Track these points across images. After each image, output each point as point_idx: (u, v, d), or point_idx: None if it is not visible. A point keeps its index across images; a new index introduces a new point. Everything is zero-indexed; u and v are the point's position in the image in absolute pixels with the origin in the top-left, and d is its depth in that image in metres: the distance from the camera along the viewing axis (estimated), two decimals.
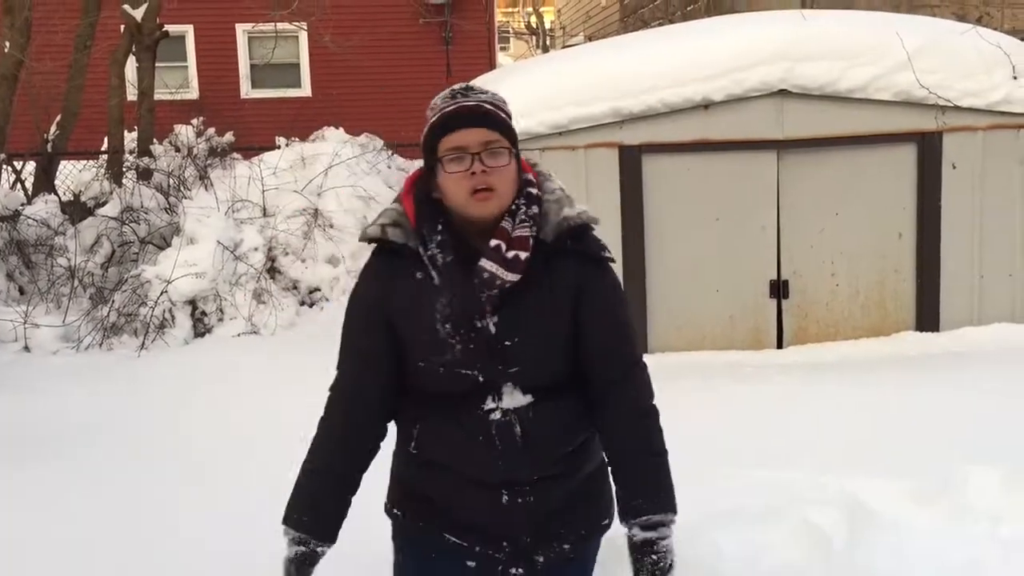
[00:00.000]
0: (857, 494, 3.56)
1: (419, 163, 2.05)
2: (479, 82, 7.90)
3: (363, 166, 8.13)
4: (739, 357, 6.14)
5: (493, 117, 1.92)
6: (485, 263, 1.87)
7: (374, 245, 2.00)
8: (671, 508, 2.01)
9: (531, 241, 1.91)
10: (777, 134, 6.25)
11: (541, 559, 2.02)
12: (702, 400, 5.07)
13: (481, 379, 1.91)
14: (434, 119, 1.94)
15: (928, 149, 6.32)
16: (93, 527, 3.83)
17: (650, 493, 1.99)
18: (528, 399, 1.94)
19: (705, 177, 6.34)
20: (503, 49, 29.67)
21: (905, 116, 6.26)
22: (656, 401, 2.05)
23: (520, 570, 2.01)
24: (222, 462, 4.55)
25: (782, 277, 6.44)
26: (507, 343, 1.90)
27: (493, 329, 1.90)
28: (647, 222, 6.33)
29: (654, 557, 1.97)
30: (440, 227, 1.91)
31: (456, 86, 2.01)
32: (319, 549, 2.03)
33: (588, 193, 6.20)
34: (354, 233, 7.75)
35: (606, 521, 2.12)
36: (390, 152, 8.83)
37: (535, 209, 1.95)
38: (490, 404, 1.93)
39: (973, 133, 6.28)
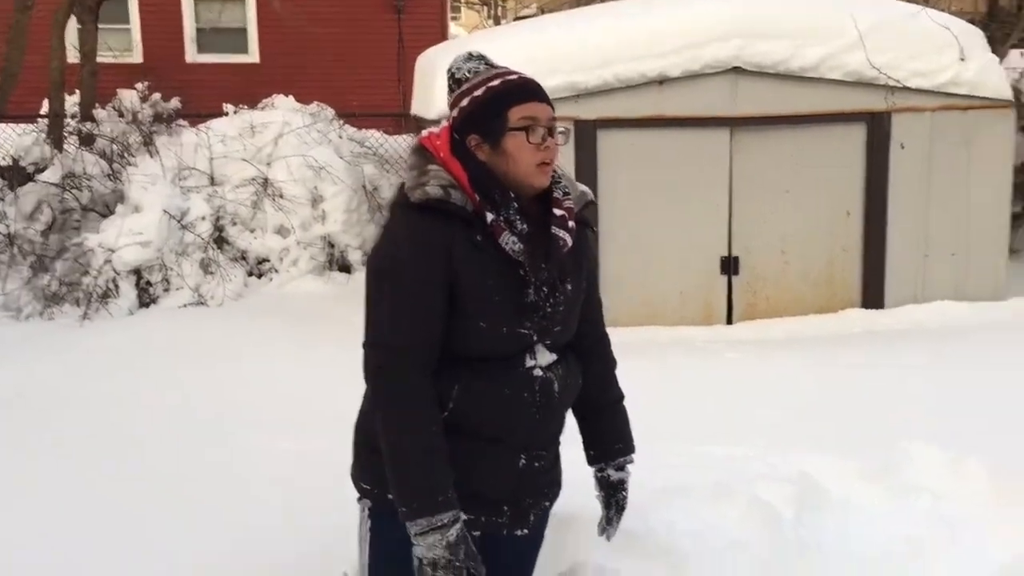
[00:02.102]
0: (807, 471, 3.60)
1: (372, 132, 2.04)
2: (433, 53, 7.80)
3: (314, 135, 7.99)
4: (690, 332, 6.20)
5: (548, 97, 2.01)
6: (559, 231, 1.98)
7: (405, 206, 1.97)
8: (635, 449, 2.36)
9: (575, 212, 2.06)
10: (730, 111, 6.27)
11: (532, 518, 2.14)
12: (653, 375, 5.09)
13: (535, 339, 1.99)
14: (498, 84, 1.96)
15: (877, 129, 6.39)
16: (17, 497, 3.75)
17: (626, 437, 2.32)
18: (554, 357, 2.05)
19: (659, 153, 6.35)
20: (454, 19, 29.39)
21: (855, 96, 6.32)
22: None
23: (525, 531, 2.12)
24: (162, 433, 4.47)
25: (733, 254, 6.49)
26: (560, 308, 2.02)
27: (570, 287, 2.02)
28: (601, 197, 6.28)
29: (623, 494, 2.32)
30: (513, 195, 1.95)
31: (472, 52, 2.07)
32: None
33: None
34: (304, 203, 7.63)
35: (561, 479, 2.29)
36: (341, 122, 8.68)
37: (563, 183, 2.07)
38: (529, 362, 2.01)
39: (921, 114, 6.37)
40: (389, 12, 15.05)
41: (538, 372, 2.01)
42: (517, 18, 20.54)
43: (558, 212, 1.99)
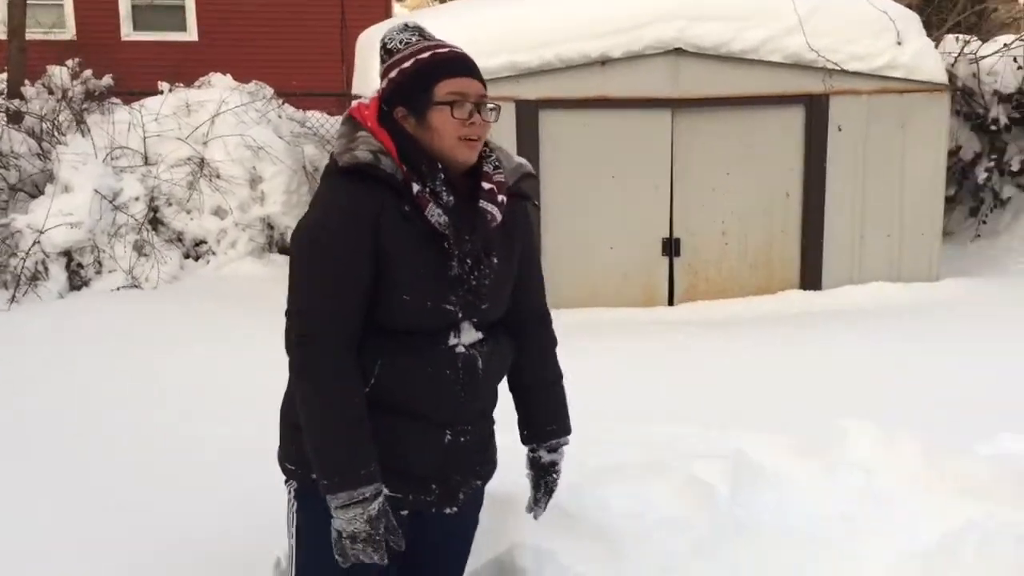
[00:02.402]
0: (742, 448, 3.62)
1: (313, 112, 2.00)
2: (373, 31, 7.68)
3: (252, 115, 7.82)
4: (631, 314, 6.21)
5: (481, 74, 1.98)
6: (486, 205, 1.95)
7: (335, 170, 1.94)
8: (570, 431, 2.32)
9: (506, 186, 2.02)
10: (672, 92, 6.28)
11: (462, 496, 2.10)
12: (594, 356, 5.10)
13: (460, 315, 1.96)
14: (427, 57, 1.94)
15: (815, 111, 6.45)
16: None
17: (561, 419, 2.28)
18: (479, 335, 2.02)
19: (601, 134, 6.34)
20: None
21: (795, 78, 6.37)
22: None
23: (454, 508, 2.09)
24: (91, 420, 4.35)
25: (674, 235, 6.52)
26: (486, 279, 1.98)
27: (496, 260, 1.99)
28: (543, 178, 6.29)
29: (554, 475, 2.31)
30: (440, 167, 1.92)
31: (408, 23, 2.04)
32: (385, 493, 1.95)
33: None
34: (242, 184, 7.48)
35: (495, 458, 2.26)
36: (281, 101, 8.52)
37: (495, 156, 2.03)
38: (453, 340, 1.98)
39: (859, 96, 6.45)
40: None
41: (460, 350, 1.98)
42: None
43: (486, 186, 1.96)
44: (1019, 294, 6.30)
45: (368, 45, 6.91)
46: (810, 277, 6.64)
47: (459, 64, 1.94)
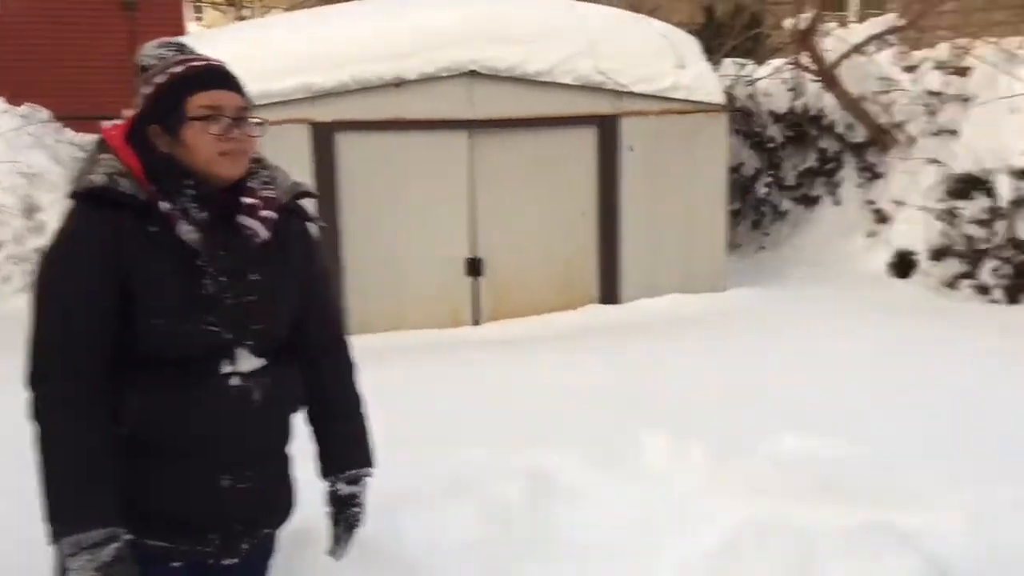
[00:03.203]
0: (540, 465, 3.67)
1: (94, 136, 1.90)
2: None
3: (25, 139, 7.31)
4: (436, 336, 6.20)
5: (241, 85, 1.92)
6: (246, 220, 1.88)
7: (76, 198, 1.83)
8: (373, 463, 2.22)
9: (276, 202, 1.95)
10: (468, 114, 6.34)
11: (246, 546, 1.98)
12: (397, 380, 5.04)
13: (226, 337, 1.86)
14: (181, 71, 1.86)
15: (607, 132, 6.68)
16: None
17: (361, 448, 2.18)
18: (261, 362, 1.92)
19: (400, 156, 6.31)
20: (198, 19, 28.06)
21: (587, 100, 6.58)
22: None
23: (235, 560, 1.97)
24: None
25: (477, 255, 6.57)
26: (253, 299, 1.89)
27: (257, 277, 1.90)
28: (342, 201, 6.20)
29: (355, 509, 2.17)
30: (190, 182, 1.84)
31: (168, 39, 1.98)
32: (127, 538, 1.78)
33: None
34: (15, 214, 6.96)
35: (294, 505, 2.16)
36: (60, 124, 8.01)
37: (268, 172, 1.98)
38: (226, 368, 1.87)
39: (646, 117, 6.73)
40: (119, 8, 14.10)
41: (235, 381, 1.87)
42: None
43: (248, 201, 1.90)
44: (797, 300, 6.73)
45: None
46: (609, 292, 6.86)
47: (213, 76, 1.88)
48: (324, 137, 6.07)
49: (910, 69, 7.81)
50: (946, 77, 7.42)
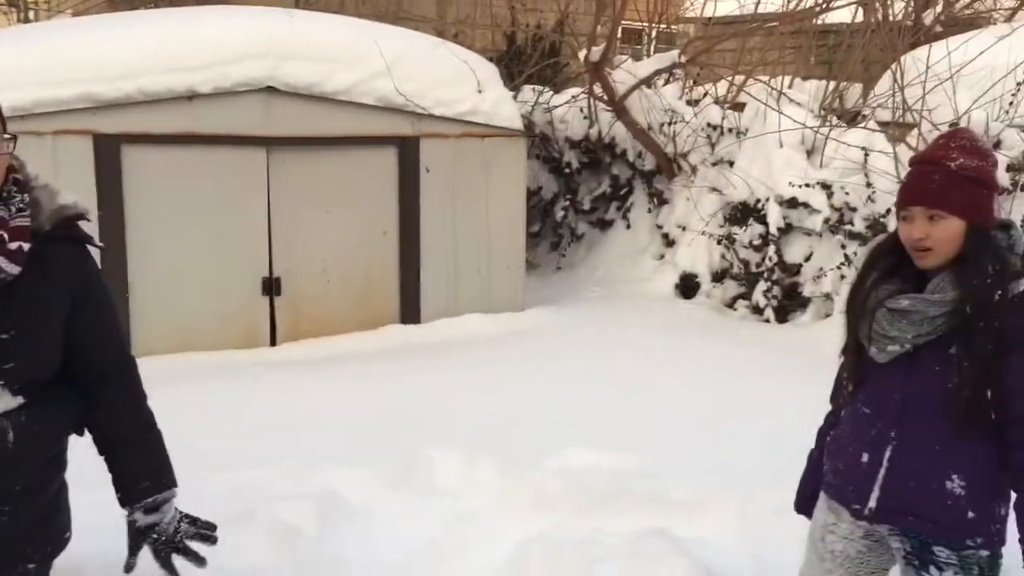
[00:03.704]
0: (332, 486, 3.66)
1: None
2: None
3: None
4: (231, 357, 6.02)
5: None
6: None
7: None
8: (174, 483, 2.18)
9: (29, 232, 1.82)
10: (266, 131, 6.22)
11: None
12: (187, 404, 4.86)
13: None
14: None
15: (407, 153, 6.73)
16: None
17: (156, 472, 2.13)
18: (19, 401, 1.82)
19: (193, 171, 6.10)
20: None
21: (387, 121, 6.60)
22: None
23: None
24: None
25: (274, 274, 6.44)
26: (3, 336, 1.76)
27: None
28: (128, 217, 5.93)
29: (158, 536, 2.14)
30: None
31: None
32: None
33: (58, 184, 5.63)
34: None
35: (68, 535, 2.09)
36: None
37: (26, 197, 1.84)
38: None
39: (446, 139, 6.83)
40: None
41: None
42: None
43: None
44: (590, 320, 7.01)
45: None
46: (409, 312, 6.89)
47: None
48: (108, 149, 5.78)
49: (693, 103, 8.33)
50: (724, 111, 7.97)
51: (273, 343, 6.45)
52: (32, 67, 5.69)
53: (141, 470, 2.10)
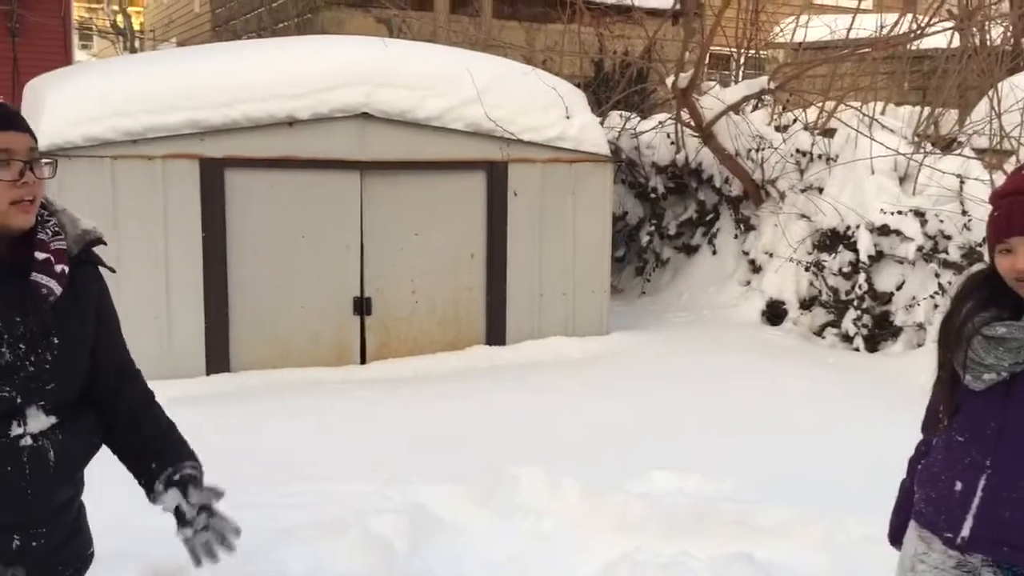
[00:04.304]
0: (420, 501, 3.75)
1: None
2: (41, 80, 7.19)
3: None
4: (323, 374, 6.20)
5: (28, 124, 1.82)
6: (40, 278, 1.77)
7: None
8: (197, 458, 2.10)
9: (67, 254, 1.86)
10: (360, 155, 6.42)
11: None
12: (280, 418, 5.04)
13: (20, 400, 1.76)
14: None
15: (496, 177, 6.86)
16: None
17: (183, 454, 2.06)
18: (52, 420, 1.83)
19: (291, 194, 6.33)
20: (85, 47, 27.37)
21: (476, 146, 6.75)
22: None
23: None
24: None
25: (365, 294, 6.61)
26: (48, 357, 1.79)
27: (56, 339, 1.81)
28: (230, 237, 6.17)
29: (205, 518, 1.99)
30: None
31: None
32: None
33: (166, 206, 5.92)
34: None
35: (91, 550, 2.06)
36: None
37: (55, 220, 1.88)
38: (16, 430, 1.77)
39: (533, 164, 6.95)
40: (2, 35, 13.70)
41: (27, 442, 1.78)
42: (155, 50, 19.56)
43: (40, 256, 1.78)
44: (675, 345, 7.01)
45: (34, 94, 6.46)
46: (495, 333, 6.99)
47: (2, 118, 1.76)
48: (213, 173, 6.05)
49: (782, 129, 8.28)
50: (814, 137, 7.91)
51: (363, 361, 6.61)
52: (143, 95, 5.99)
53: (170, 455, 2.03)
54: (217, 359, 6.11)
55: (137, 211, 5.86)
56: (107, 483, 2.26)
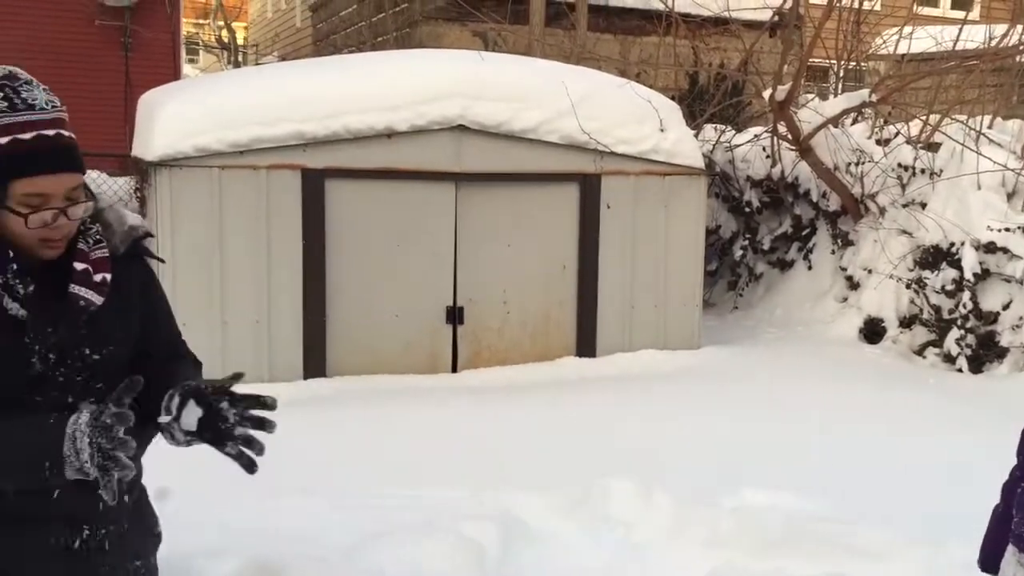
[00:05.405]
0: (511, 508, 3.79)
1: (91, 173, 1.84)
2: (155, 93, 7.52)
3: None
4: (415, 381, 6.31)
5: (77, 154, 1.74)
6: (79, 290, 1.76)
7: None
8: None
9: (109, 261, 1.83)
10: (455, 167, 6.53)
11: None
12: (373, 422, 5.15)
13: (71, 399, 1.75)
14: (4, 143, 1.65)
15: (589, 189, 6.89)
16: None
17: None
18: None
19: (387, 204, 6.48)
20: (192, 61, 28.39)
21: (570, 158, 6.78)
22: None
23: None
24: None
25: (458, 304, 6.71)
26: (96, 358, 1.80)
27: (88, 350, 1.80)
28: (329, 245, 6.35)
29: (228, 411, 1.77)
30: (10, 254, 1.70)
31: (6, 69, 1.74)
32: None
33: (269, 214, 6.13)
34: None
35: (159, 529, 2.06)
36: None
37: (98, 226, 1.86)
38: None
39: (627, 177, 6.94)
40: (116, 49, 14.34)
41: None
42: (258, 64, 20.21)
43: (80, 266, 1.77)
44: (769, 360, 6.90)
45: (148, 107, 6.76)
46: (585, 345, 7.00)
47: (43, 159, 1.68)
48: (314, 183, 6.23)
49: (883, 142, 8.09)
50: (917, 151, 7.70)
51: (454, 370, 6.70)
52: (250, 107, 6.21)
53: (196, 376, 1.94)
54: (314, 364, 6.28)
55: (242, 218, 6.08)
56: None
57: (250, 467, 1.75)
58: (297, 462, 4.21)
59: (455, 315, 6.70)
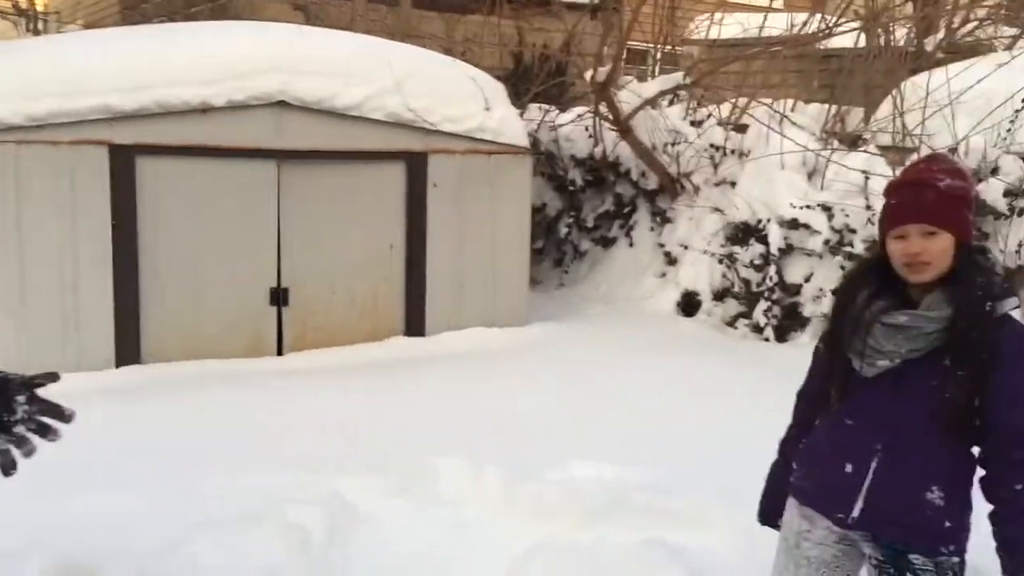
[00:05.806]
0: (339, 491, 3.74)
1: None
2: None
3: None
4: (238, 365, 6.11)
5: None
6: None
7: None
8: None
9: None
10: (276, 144, 6.33)
11: None
12: (193, 409, 4.95)
13: None
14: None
15: (415, 168, 6.84)
16: None
17: None
18: None
19: (205, 182, 6.21)
20: None
21: (396, 136, 6.71)
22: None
23: None
24: None
25: (282, 285, 6.53)
26: None
27: None
28: (142, 226, 6.02)
29: None
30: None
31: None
32: None
33: (73, 193, 5.75)
34: None
35: None
36: None
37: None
38: None
39: (453, 155, 6.94)
40: None
41: None
42: (60, 32, 18.86)
43: None
44: (593, 336, 7.10)
45: None
46: (414, 324, 6.98)
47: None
48: (123, 160, 5.89)
49: (697, 124, 8.45)
50: (727, 132, 8.09)
51: (280, 352, 6.53)
52: (49, 78, 5.80)
53: None
54: (127, 351, 5.96)
55: (44, 196, 5.68)
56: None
57: (7, 469, 1.65)
58: (109, 456, 4.00)
59: (279, 296, 6.52)
